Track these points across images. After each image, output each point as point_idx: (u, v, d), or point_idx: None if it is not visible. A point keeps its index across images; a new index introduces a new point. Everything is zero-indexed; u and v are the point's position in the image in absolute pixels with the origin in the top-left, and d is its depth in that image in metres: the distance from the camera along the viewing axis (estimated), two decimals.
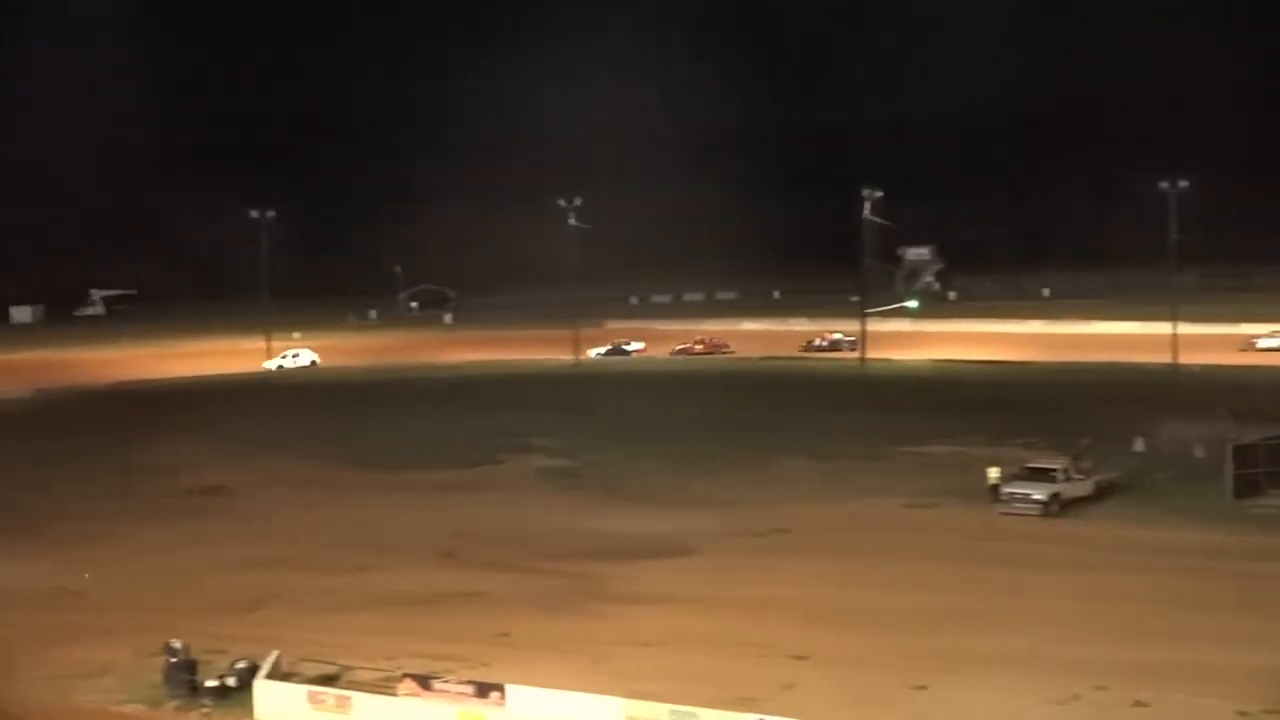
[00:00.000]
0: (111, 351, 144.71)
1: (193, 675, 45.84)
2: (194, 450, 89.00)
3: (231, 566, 61.32)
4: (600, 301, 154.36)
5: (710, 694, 40.14)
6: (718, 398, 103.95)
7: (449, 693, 42.31)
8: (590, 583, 56.22)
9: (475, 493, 74.95)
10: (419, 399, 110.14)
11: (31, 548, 66.41)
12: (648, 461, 79.22)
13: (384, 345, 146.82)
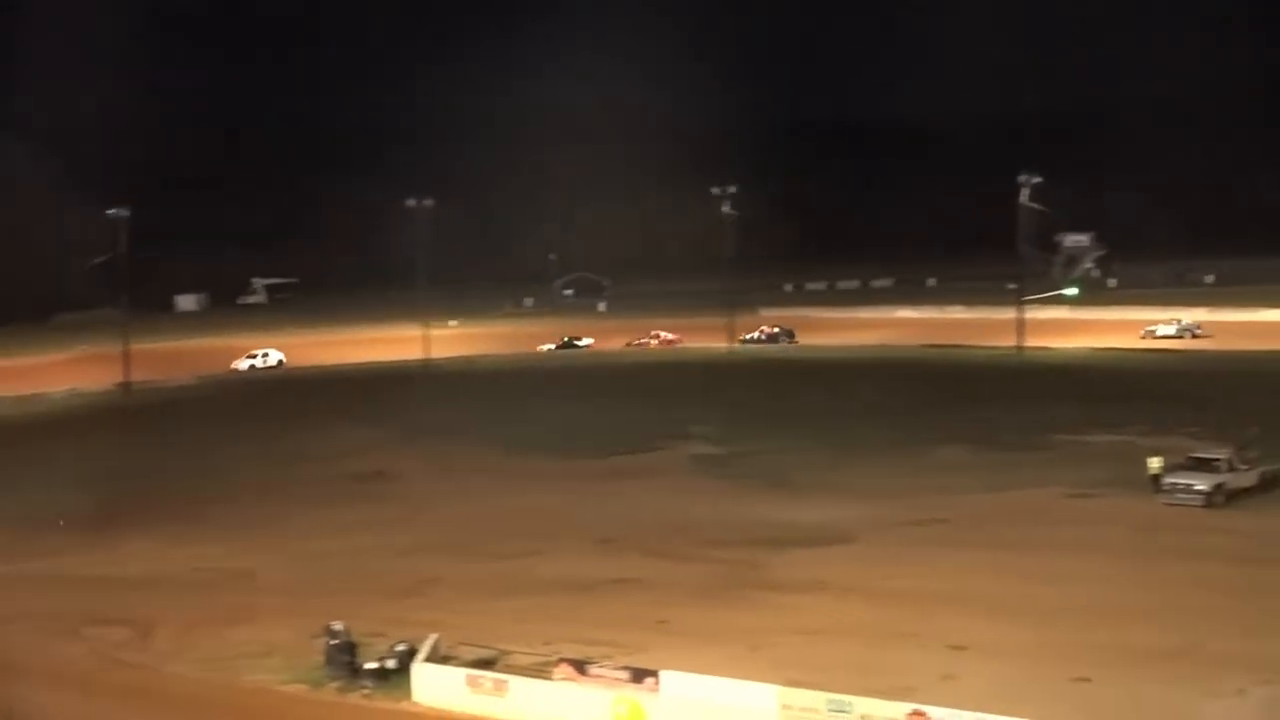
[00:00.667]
0: (273, 339, 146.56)
1: (353, 657, 46.25)
2: (356, 436, 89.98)
3: (392, 551, 61.91)
4: (754, 289, 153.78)
5: (867, 683, 39.62)
6: (874, 385, 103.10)
7: (604, 678, 42.26)
8: (747, 570, 55.92)
9: (632, 480, 74.86)
10: (574, 385, 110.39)
11: (199, 532, 67.62)
12: (804, 449, 78.65)
13: (538, 333, 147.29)
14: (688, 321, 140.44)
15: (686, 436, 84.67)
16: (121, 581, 59.69)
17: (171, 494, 75.62)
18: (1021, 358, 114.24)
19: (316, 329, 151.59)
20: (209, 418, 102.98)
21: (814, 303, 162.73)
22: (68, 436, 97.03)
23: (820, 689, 39.44)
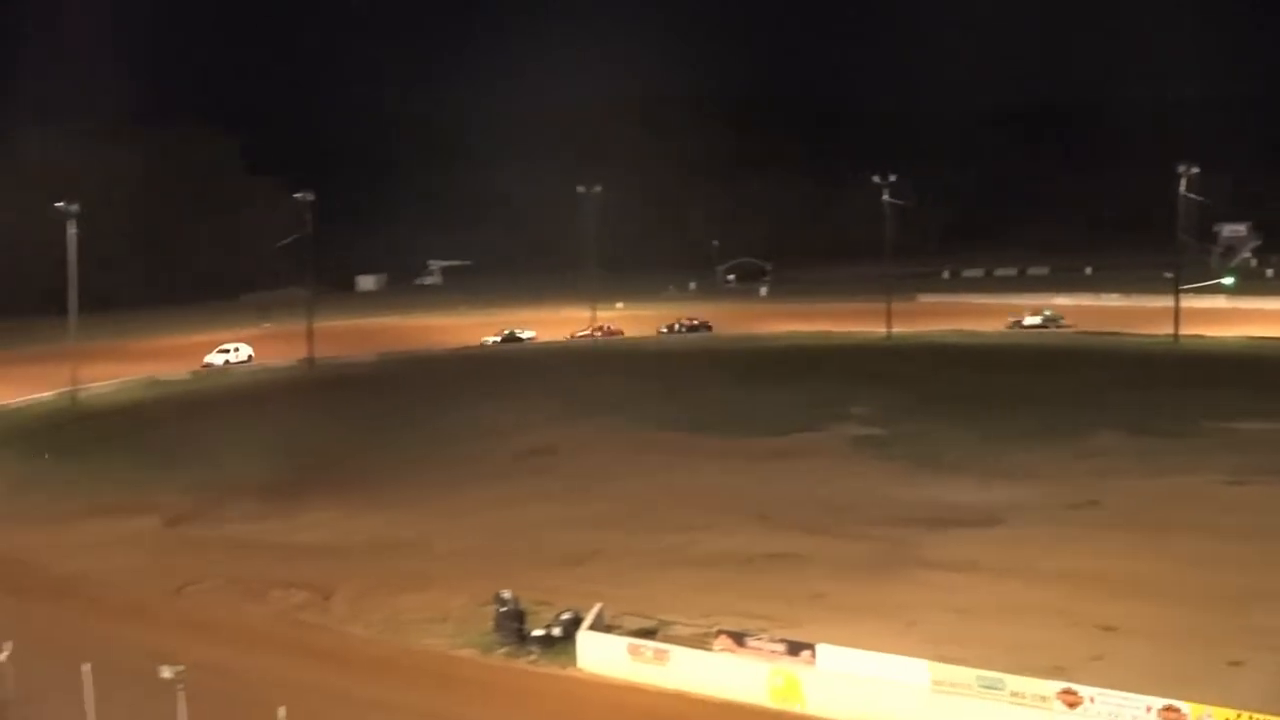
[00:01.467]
0: (449, 319, 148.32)
1: (521, 624, 47.07)
2: (525, 412, 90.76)
3: (559, 523, 62.56)
4: (914, 276, 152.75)
5: (1018, 661, 39.61)
6: (1029, 371, 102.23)
7: (762, 650, 42.57)
8: (903, 549, 55.87)
9: (792, 459, 74.91)
10: (735, 366, 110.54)
11: (376, 501, 68.83)
12: (961, 431, 78.26)
13: (703, 314, 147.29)
14: (846, 307, 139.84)
15: (846, 418, 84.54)
16: (303, 547, 61.10)
17: (350, 465, 77.07)
18: (1177, 346, 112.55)
19: (489, 309, 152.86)
20: (387, 393, 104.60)
21: (971, 289, 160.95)
22: (254, 410, 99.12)
23: (971, 666, 39.59)
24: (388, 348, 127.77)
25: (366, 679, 43.90)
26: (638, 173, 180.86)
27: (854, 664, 40.97)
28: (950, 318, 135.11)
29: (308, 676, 42.44)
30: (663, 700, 42.27)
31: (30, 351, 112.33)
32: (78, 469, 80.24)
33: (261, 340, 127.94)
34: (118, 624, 49.35)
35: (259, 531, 64.26)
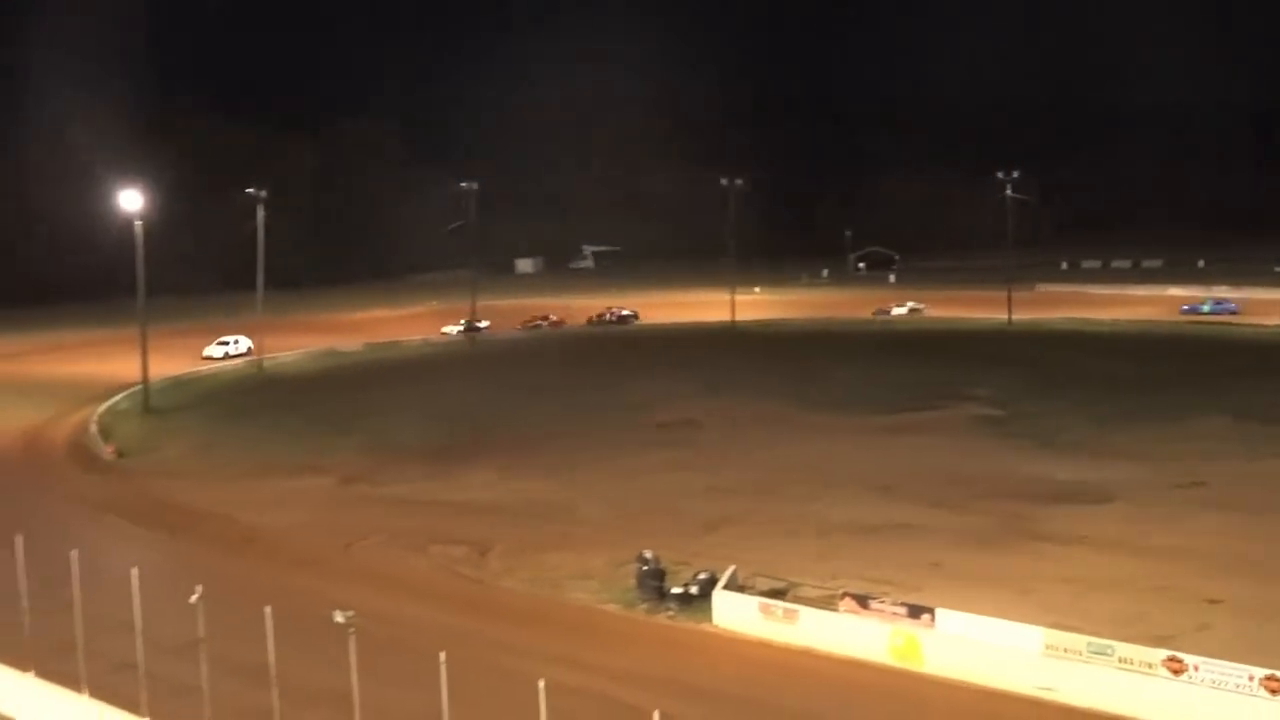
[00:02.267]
0: (598, 299, 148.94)
1: (661, 583, 47.16)
2: (666, 388, 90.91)
3: (696, 491, 62.61)
4: (1033, 266, 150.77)
5: (1127, 631, 39.14)
6: (1140, 357, 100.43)
7: (884, 612, 42.38)
8: (1018, 522, 55.34)
9: (915, 435, 74.47)
10: (863, 348, 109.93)
11: (528, 466, 69.37)
12: (1073, 413, 77.26)
13: (833, 301, 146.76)
14: (969, 295, 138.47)
15: (967, 399, 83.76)
16: (462, 506, 61.73)
17: (506, 432, 77.73)
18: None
19: (636, 292, 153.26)
20: (541, 366, 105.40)
21: (1088, 280, 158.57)
22: (420, 380, 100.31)
23: (1081, 633, 39.07)
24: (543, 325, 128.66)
25: (519, 629, 44.21)
26: (772, 169, 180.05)
27: (971, 628, 40.69)
28: (1067, 306, 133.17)
29: (465, 625, 42.82)
30: (791, 656, 42.23)
31: (221, 324, 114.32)
32: (261, 431, 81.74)
33: (428, 317, 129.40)
34: (295, 573, 50.25)
35: (423, 491, 65.07)
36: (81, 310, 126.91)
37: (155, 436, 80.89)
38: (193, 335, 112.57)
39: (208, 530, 58.91)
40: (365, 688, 29.48)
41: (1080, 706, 37.33)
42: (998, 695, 38.39)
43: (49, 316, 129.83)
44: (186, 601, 32.59)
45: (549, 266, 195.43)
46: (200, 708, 32.74)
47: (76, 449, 79.53)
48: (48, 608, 37.04)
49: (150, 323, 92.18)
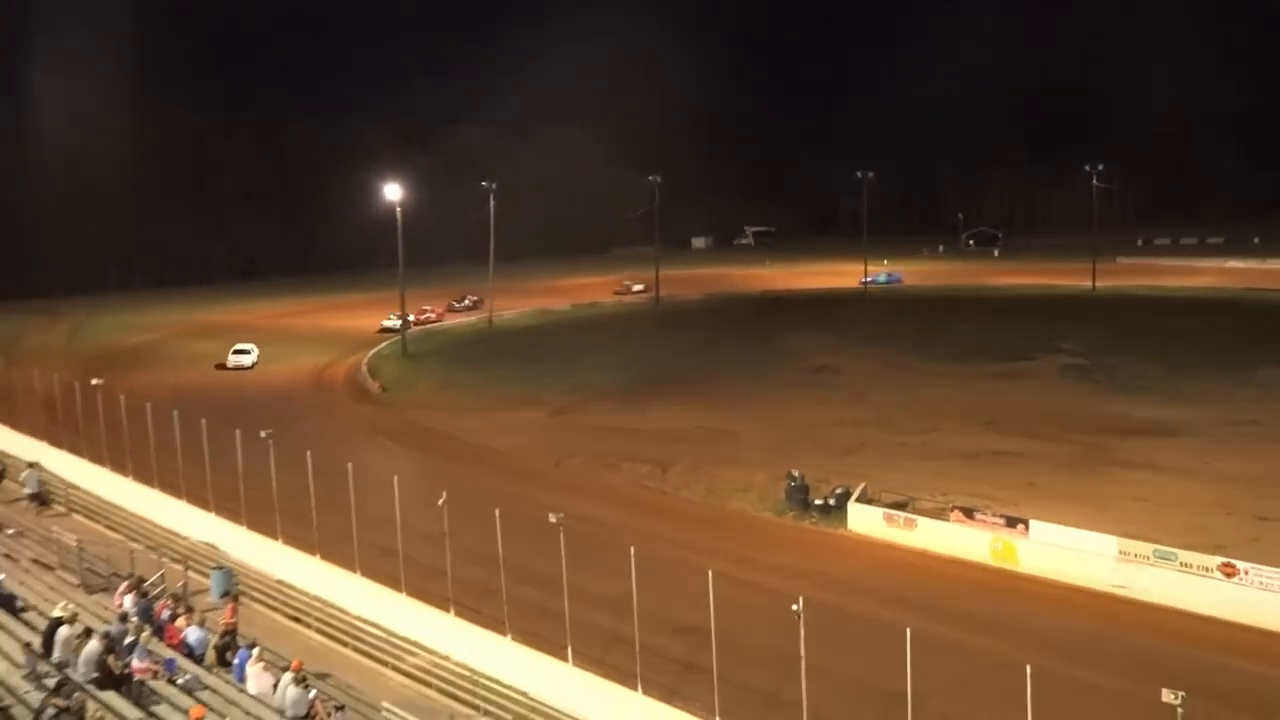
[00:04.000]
0: (756, 270, 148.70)
1: (806, 496, 47.34)
2: (812, 340, 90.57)
3: (835, 423, 62.62)
4: (1115, 244, 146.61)
5: (1189, 540, 38.54)
6: (1204, 318, 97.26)
7: (986, 522, 42.25)
8: (1100, 451, 54.50)
9: (1014, 380, 73.40)
10: (972, 309, 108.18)
11: (701, 402, 69.75)
12: (1147, 363, 75.38)
13: (949, 271, 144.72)
14: (1062, 266, 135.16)
15: (1056, 350, 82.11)
16: (647, 434, 62.32)
17: (682, 375, 78.13)
18: None
19: (786, 264, 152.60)
20: (710, 323, 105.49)
21: (1160, 254, 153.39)
22: (614, 334, 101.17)
23: (1150, 542, 38.56)
24: (712, 290, 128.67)
25: (692, 530, 44.77)
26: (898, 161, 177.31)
27: (1058, 536, 40.35)
28: (1142, 275, 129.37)
29: (649, 526, 43.39)
30: (910, 555, 42.37)
31: (459, 288, 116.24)
32: (490, 373, 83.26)
33: (614, 285, 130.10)
34: (516, 483, 51.23)
35: (615, 421, 65.79)
36: (353, 278, 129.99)
37: (410, 376, 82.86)
38: (438, 298, 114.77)
39: (449, 449, 60.42)
40: (572, 574, 30.21)
41: (1148, 601, 36.94)
42: (1079, 590, 38.16)
43: (331, 283, 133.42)
44: (435, 504, 33.59)
45: (717, 243, 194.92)
46: (445, 587, 33.80)
47: (352, 384, 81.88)
48: (330, 506, 38.42)
49: (406, 287, 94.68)
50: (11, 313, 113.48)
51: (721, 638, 26.96)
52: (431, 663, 33.32)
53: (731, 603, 27.53)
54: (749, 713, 27.17)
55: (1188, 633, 34.41)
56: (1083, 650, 32.14)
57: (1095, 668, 29.77)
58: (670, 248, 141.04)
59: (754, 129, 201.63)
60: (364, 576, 37.08)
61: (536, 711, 29.87)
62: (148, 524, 46.28)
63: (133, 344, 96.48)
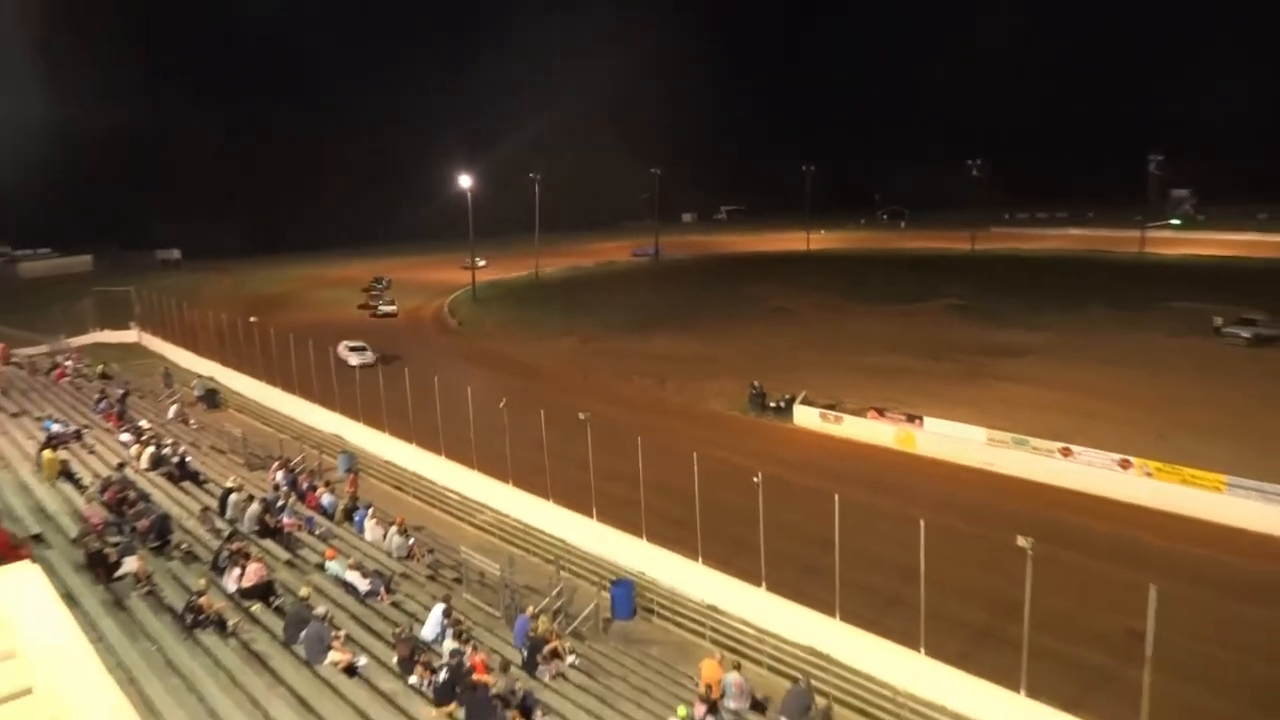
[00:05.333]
0: (729, 237, 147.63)
1: (764, 400, 47.51)
2: (771, 288, 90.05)
3: (786, 348, 62.48)
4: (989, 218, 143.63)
5: (1038, 430, 38.65)
6: (1057, 270, 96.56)
7: (893, 418, 42.37)
8: (976, 367, 54.46)
9: (914, 317, 72.98)
10: (884, 266, 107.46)
11: (689, 333, 69.58)
12: (1011, 304, 74.80)
13: (851, 239, 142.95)
14: (946, 234, 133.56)
15: (945, 295, 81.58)
16: (650, 356, 62.24)
17: (676, 314, 77.79)
18: (1142, 258, 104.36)
19: (750, 233, 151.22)
20: (696, 277, 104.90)
21: (1021, 225, 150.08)
22: (625, 285, 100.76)
23: (1011, 432, 38.68)
24: (696, 252, 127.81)
25: (682, 423, 44.91)
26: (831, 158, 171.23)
27: (944, 428, 40.50)
28: (1011, 240, 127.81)
29: (652, 421, 43.54)
30: (838, 442, 42.62)
31: (515, 252, 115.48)
32: (537, 312, 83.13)
33: (627, 249, 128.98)
34: (556, 391, 51.31)
35: (628, 347, 65.74)
36: (434, 243, 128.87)
37: (479, 315, 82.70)
38: (499, 259, 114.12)
39: (508, 367, 60.45)
40: (596, 456, 30.42)
41: (1008, 474, 37.22)
42: (959, 467, 38.43)
43: (417, 247, 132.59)
44: (498, 406, 33.79)
45: (700, 218, 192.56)
46: (506, 465, 34.03)
47: (438, 321, 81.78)
48: (423, 407, 38.65)
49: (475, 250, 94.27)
50: (194, 271, 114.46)
51: (703, 500, 27.23)
52: (496, 518, 33.74)
53: (711, 475, 27.76)
54: (724, 553, 27.52)
55: (1036, 497, 34.74)
56: (961, 509, 32.45)
57: (969, 521, 30.04)
58: (666, 221, 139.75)
59: (732, 130, 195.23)
60: (447, 458, 37.46)
61: (571, 553, 30.29)
62: (292, 421, 46.66)
63: (277, 293, 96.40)
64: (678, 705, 18.43)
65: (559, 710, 18.58)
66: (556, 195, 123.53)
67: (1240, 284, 78.33)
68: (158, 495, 28.50)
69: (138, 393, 47.62)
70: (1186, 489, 32.95)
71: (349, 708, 16.61)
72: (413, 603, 23.50)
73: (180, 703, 15.64)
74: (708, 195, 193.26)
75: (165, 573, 22.00)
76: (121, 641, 17.74)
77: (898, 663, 22.37)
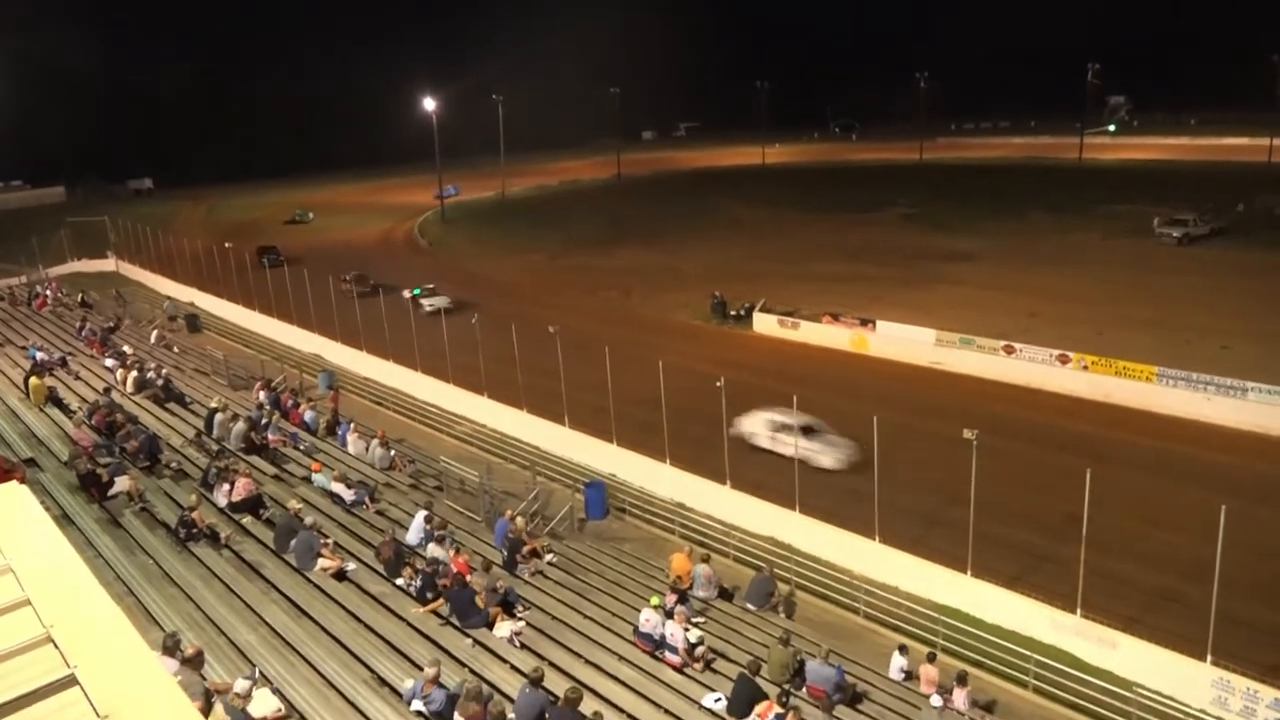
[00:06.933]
0: (688, 153, 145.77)
1: (724, 308, 47.60)
2: (730, 201, 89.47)
3: (745, 258, 62.34)
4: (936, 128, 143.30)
5: (982, 330, 39.08)
6: (1004, 176, 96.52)
7: (846, 323, 42.59)
8: (924, 272, 54.76)
9: (866, 226, 72.84)
10: (837, 177, 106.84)
11: (653, 246, 69.19)
12: (957, 211, 74.94)
13: (805, 152, 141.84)
14: (894, 145, 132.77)
15: (894, 204, 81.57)
16: (615, 269, 61.90)
17: (638, 229, 77.19)
18: (1081, 164, 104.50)
19: (708, 149, 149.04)
20: (657, 192, 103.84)
21: (966, 135, 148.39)
22: (589, 202, 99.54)
23: (957, 332, 39.03)
24: (657, 169, 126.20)
25: (647, 334, 44.88)
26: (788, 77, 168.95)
27: (895, 331, 40.81)
28: (956, 150, 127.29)
29: (618, 333, 43.37)
30: (796, 347, 42.87)
31: (483, 172, 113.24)
32: (504, 231, 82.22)
33: (594, 166, 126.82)
34: (526, 305, 50.83)
35: (594, 262, 65.29)
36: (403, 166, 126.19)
37: (448, 235, 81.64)
38: (466, 181, 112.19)
39: (478, 284, 59.75)
40: (566, 367, 30.42)
41: (955, 372, 37.70)
42: (910, 366, 38.86)
43: (384, 171, 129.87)
44: (470, 322, 33.56)
45: (660, 135, 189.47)
46: (480, 379, 33.98)
47: (408, 241, 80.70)
48: (398, 325, 38.33)
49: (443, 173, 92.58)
50: (168, 200, 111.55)
51: (669, 405, 27.37)
52: (473, 429, 33.80)
53: (676, 382, 27.85)
54: (690, 454, 27.80)
55: (981, 392, 35.26)
56: (911, 404, 32.90)
57: (919, 415, 30.49)
58: (626, 140, 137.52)
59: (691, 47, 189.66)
60: (423, 373, 37.32)
61: (545, 458, 30.50)
62: (272, 342, 46.17)
63: (252, 219, 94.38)
64: (650, 596, 18.80)
65: (539, 604, 18.90)
66: (522, 117, 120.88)
67: (1172, 186, 78.83)
68: (145, 418, 28.22)
69: (103, 316, 46.73)
70: (1120, 380, 33.60)
71: (340, 609, 16.79)
72: (397, 510, 23.61)
73: (178, 611, 15.72)
74: (667, 113, 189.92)
75: (157, 491, 21.90)
76: (118, 557, 17.72)
77: (853, 550, 22.91)
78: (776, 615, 20.57)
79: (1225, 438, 29.95)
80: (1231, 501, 16.95)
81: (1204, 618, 17.07)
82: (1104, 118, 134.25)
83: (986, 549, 21.07)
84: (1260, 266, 51.25)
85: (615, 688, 15.48)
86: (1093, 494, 18.60)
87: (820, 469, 27.57)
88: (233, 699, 12.17)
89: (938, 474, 25.35)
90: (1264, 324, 40.07)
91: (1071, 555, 19.00)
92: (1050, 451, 28.52)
